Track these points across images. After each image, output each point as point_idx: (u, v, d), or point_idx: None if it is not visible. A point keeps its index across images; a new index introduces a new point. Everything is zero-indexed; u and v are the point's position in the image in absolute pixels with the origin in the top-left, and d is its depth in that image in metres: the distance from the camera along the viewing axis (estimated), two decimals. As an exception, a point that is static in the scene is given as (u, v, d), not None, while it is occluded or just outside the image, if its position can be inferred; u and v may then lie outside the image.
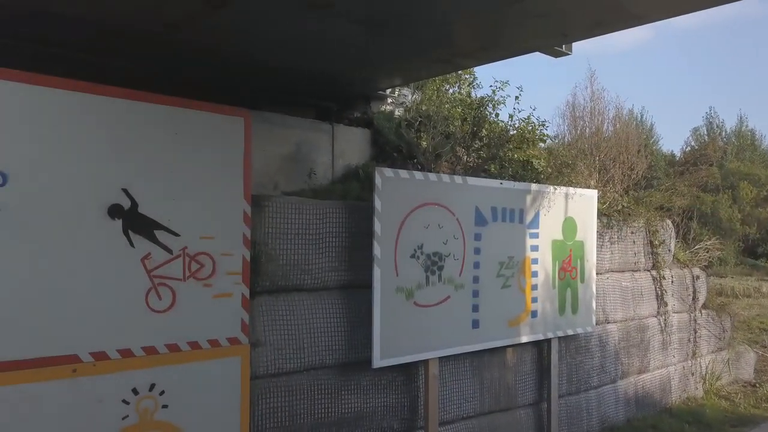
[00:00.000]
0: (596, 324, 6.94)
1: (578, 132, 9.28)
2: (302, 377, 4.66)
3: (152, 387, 3.74)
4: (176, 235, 3.84)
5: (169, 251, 3.81)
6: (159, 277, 3.76)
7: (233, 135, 4.13)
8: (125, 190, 3.64)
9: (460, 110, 7.23)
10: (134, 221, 3.66)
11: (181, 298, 3.84)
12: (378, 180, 4.84)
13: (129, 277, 3.64)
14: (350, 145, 6.82)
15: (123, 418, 3.63)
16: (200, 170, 3.96)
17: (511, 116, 7.53)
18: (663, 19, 4.55)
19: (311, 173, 6.34)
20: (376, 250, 4.79)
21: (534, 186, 6.17)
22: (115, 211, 3.59)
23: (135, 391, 3.67)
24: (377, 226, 4.81)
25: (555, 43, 5.25)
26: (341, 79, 5.94)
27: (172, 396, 3.80)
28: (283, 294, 4.68)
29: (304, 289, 4.79)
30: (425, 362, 5.21)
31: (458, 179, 5.49)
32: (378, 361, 4.78)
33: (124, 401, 3.63)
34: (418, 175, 5.18)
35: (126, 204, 3.64)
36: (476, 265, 5.52)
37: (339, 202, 5.13)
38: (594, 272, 6.85)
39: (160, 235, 3.76)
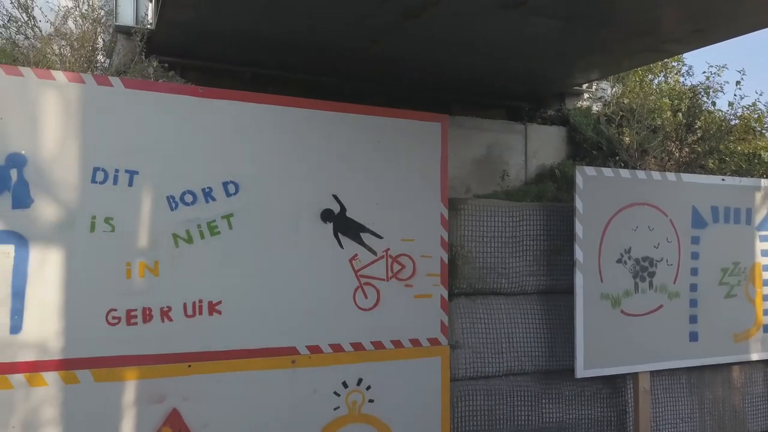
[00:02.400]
0: None
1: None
2: (501, 382, 4.59)
3: (360, 382, 3.95)
4: (379, 237, 4.02)
5: (374, 252, 4.00)
6: (365, 277, 3.97)
7: (431, 140, 4.22)
8: (335, 196, 3.91)
9: (668, 101, 6.58)
10: (343, 224, 3.92)
11: (384, 298, 4.01)
12: (579, 179, 4.59)
13: (339, 277, 3.90)
14: (544, 144, 6.60)
15: (334, 409, 3.88)
16: (400, 175, 4.11)
17: (731, 104, 6.66)
18: None
19: (504, 175, 6.25)
20: (578, 254, 4.55)
21: (765, 182, 5.38)
22: (326, 215, 3.88)
23: (345, 385, 3.91)
24: (579, 229, 4.56)
25: (793, 15, 4.52)
26: (534, 77, 5.77)
27: (378, 392, 3.98)
28: (481, 297, 4.65)
29: (502, 293, 4.72)
30: (634, 375, 4.81)
31: (671, 176, 4.99)
32: (581, 371, 4.52)
33: (335, 393, 3.89)
34: (624, 173, 4.81)
35: (336, 209, 3.91)
36: (694, 272, 4.97)
37: (535, 204, 4.97)
38: None
39: (365, 237, 3.98)
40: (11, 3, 4.71)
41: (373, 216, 4.01)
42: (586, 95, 6.92)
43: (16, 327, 3.16)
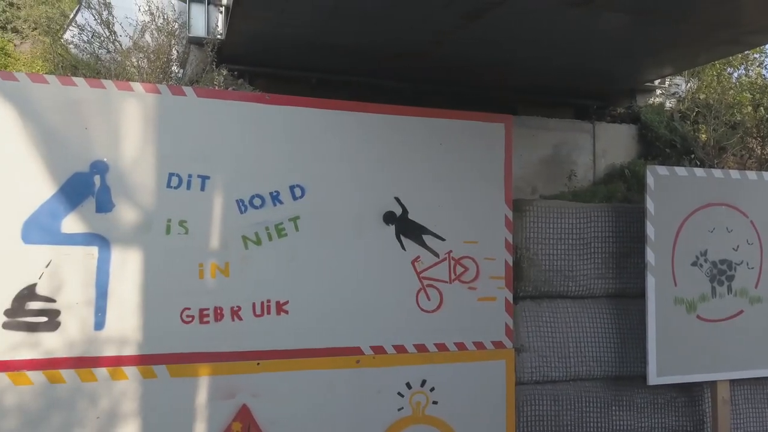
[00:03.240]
0: None
1: None
2: (568, 387, 4.48)
3: (423, 383, 3.95)
4: (442, 239, 4.02)
5: (436, 255, 4.00)
6: (427, 279, 3.97)
7: (494, 141, 4.18)
8: (397, 199, 3.94)
9: (749, 95, 6.23)
10: (405, 227, 3.94)
11: (447, 300, 4.00)
12: (650, 179, 4.42)
13: (402, 278, 3.92)
14: (613, 143, 6.40)
15: (398, 409, 3.91)
16: (463, 176, 4.09)
17: (819, 96, 6.25)
18: None
19: (571, 175, 6.11)
20: (650, 256, 4.38)
21: None
22: (389, 217, 3.91)
23: (408, 386, 3.93)
24: (650, 231, 4.39)
25: None
26: (603, 74, 5.61)
27: (442, 393, 3.97)
28: (547, 300, 4.57)
29: (569, 296, 4.61)
30: (712, 384, 4.58)
31: (752, 175, 4.73)
32: (654, 378, 4.35)
33: (399, 393, 3.91)
34: (699, 171, 4.60)
35: (398, 211, 3.94)
36: (777, 275, 4.69)
37: (604, 205, 4.83)
38: None
39: (427, 239, 3.98)
40: (95, 20, 5.03)
41: (436, 218, 4.01)
42: (658, 91, 6.67)
43: (99, 324, 3.36)
